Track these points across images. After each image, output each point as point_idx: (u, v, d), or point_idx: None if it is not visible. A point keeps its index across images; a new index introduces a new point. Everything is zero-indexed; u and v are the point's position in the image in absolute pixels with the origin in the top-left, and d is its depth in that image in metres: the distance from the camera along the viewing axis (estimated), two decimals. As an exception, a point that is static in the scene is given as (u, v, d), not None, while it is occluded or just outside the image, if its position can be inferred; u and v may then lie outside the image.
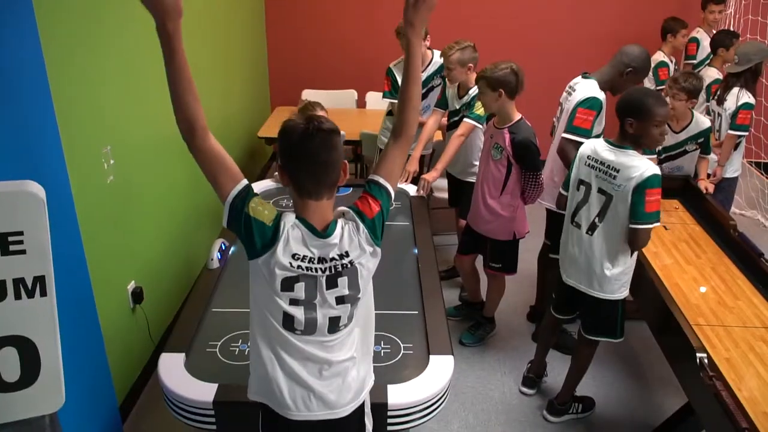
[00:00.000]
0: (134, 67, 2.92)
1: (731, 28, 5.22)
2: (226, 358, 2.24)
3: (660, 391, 3.24)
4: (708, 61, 4.97)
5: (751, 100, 4.00)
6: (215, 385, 2.04)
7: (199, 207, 3.78)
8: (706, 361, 2.25)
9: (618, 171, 2.50)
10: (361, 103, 5.44)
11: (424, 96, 4.00)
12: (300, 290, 1.64)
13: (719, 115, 4.10)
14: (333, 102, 3.52)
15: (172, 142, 3.41)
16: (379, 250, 1.73)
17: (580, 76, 3.26)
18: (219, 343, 2.31)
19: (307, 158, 1.58)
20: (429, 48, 4.06)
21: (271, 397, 1.74)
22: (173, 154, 3.44)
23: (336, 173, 1.63)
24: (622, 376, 3.36)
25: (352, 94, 5.43)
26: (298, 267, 1.62)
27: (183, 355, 2.19)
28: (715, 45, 4.56)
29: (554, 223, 3.34)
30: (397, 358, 2.27)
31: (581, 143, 2.84)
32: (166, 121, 3.31)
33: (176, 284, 3.44)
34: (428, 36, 4.01)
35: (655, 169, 2.44)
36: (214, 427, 2.05)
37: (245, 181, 1.64)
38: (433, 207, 4.50)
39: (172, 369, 2.12)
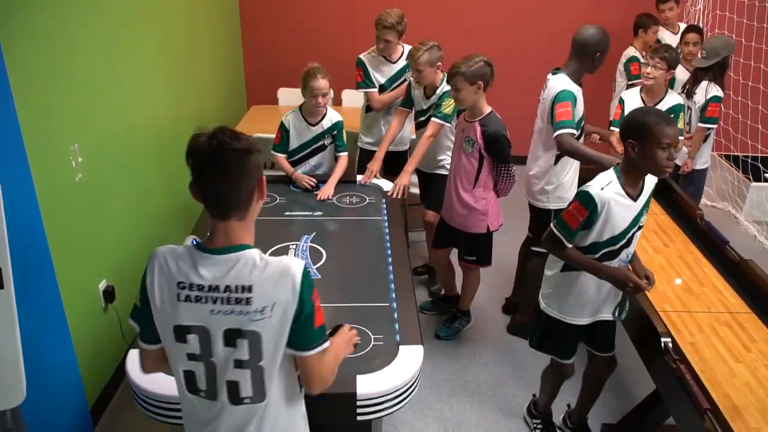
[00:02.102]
0: (103, 64, 2.91)
1: (700, 24, 5.31)
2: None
3: (630, 379, 3.28)
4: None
5: (720, 93, 4.07)
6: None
7: (171, 204, 3.76)
8: (670, 345, 2.29)
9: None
10: (337, 101, 5.43)
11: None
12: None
13: (689, 108, 4.17)
14: (312, 100, 3.60)
15: (144, 140, 3.42)
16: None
17: (550, 73, 3.30)
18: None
19: (210, 175, 1.42)
20: (401, 44, 4.06)
21: None
22: (145, 151, 3.43)
23: (245, 189, 1.45)
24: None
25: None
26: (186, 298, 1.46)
27: (152, 350, 2.18)
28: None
29: (538, 217, 3.40)
30: (367, 350, 2.28)
31: (573, 134, 3.01)
32: (137, 119, 3.33)
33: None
34: (402, 36, 4.02)
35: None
36: (181, 422, 2.04)
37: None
38: (409, 204, 4.53)
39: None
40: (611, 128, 4.00)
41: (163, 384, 2.02)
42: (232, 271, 1.44)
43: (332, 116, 3.58)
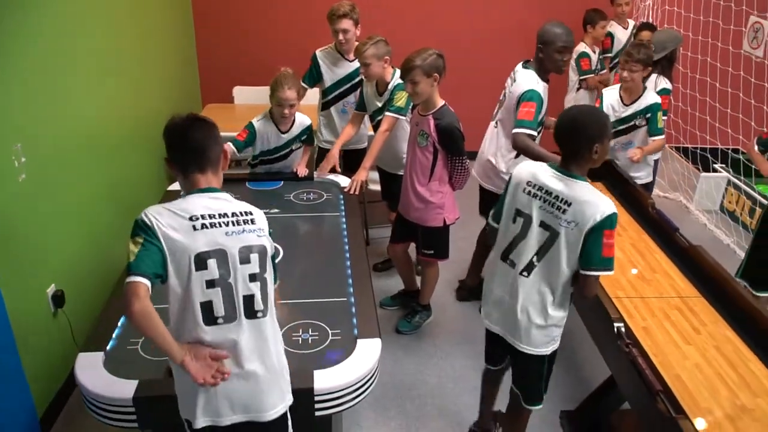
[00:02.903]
0: (47, 62, 2.82)
1: (649, 20, 5.44)
2: (147, 354, 2.19)
3: (586, 366, 3.34)
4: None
5: (668, 85, 4.17)
6: (135, 382, 1.99)
7: (121, 205, 3.67)
8: (623, 330, 2.33)
9: (569, 204, 2.08)
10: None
11: (357, 88, 3.98)
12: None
13: None
14: (267, 98, 3.51)
15: (93, 140, 3.33)
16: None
17: (520, 64, 3.40)
18: (141, 340, 2.25)
19: (187, 139, 1.76)
20: (357, 40, 4.05)
21: None
22: (94, 152, 3.34)
23: (214, 151, 1.79)
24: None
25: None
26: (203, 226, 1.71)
27: (101, 353, 2.13)
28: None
29: (487, 200, 3.45)
30: (324, 345, 2.26)
31: (529, 134, 3.10)
32: (84, 119, 3.23)
33: (100, 285, 3.33)
34: (359, 26, 3.99)
35: (614, 207, 2.07)
36: (135, 425, 2.00)
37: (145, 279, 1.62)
38: (368, 200, 4.52)
39: (90, 368, 2.06)
40: None
41: (115, 387, 1.98)
42: (229, 202, 1.78)
43: (302, 121, 3.56)
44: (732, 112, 4.92)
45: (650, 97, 3.73)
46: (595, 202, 2.06)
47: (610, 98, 3.83)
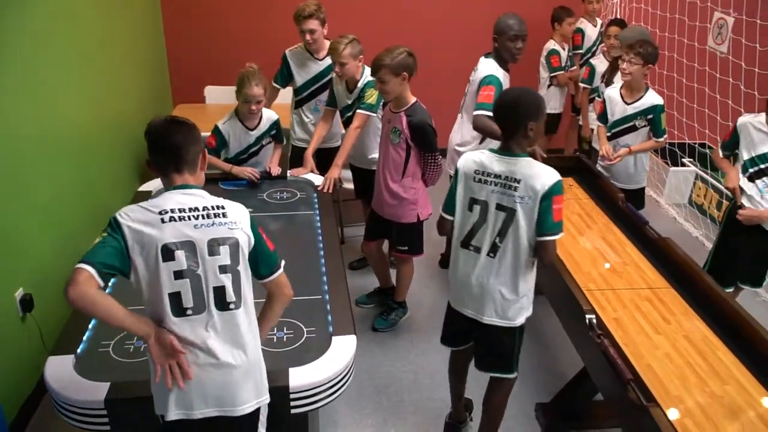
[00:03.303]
0: (14, 65, 2.76)
1: (618, 16, 5.51)
2: (120, 356, 2.16)
3: (561, 359, 3.38)
4: (594, 49, 5.23)
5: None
6: (107, 384, 1.97)
7: (91, 206, 3.61)
8: (594, 321, 2.37)
9: (519, 182, 2.19)
10: (267, 99, 5.37)
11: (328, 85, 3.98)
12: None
13: (602, 94, 4.31)
14: (240, 98, 3.55)
15: (61, 141, 3.27)
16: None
17: (482, 56, 3.57)
18: (112, 342, 2.22)
19: (165, 139, 1.80)
20: (326, 38, 4.04)
21: None
22: (62, 152, 3.28)
23: (191, 152, 1.82)
24: (526, 348, 3.47)
25: (257, 89, 5.35)
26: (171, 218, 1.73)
27: (72, 357, 2.10)
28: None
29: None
30: (299, 342, 2.26)
31: (488, 116, 3.25)
32: (54, 120, 3.18)
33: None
34: (326, 25, 3.99)
35: (558, 175, 2.19)
36: (108, 427, 1.97)
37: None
38: (343, 199, 4.52)
39: (60, 372, 2.02)
40: (597, 123, 3.93)
41: (86, 390, 1.95)
42: (202, 198, 1.79)
43: (269, 116, 3.55)
44: (698, 107, 5.00)
45: (652, 98, 3.60)
46: (541, 173, 2.19)
47: (613, 96, 3.74)
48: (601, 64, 4.73)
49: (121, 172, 4.19)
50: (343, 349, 2.18)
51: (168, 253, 1.69)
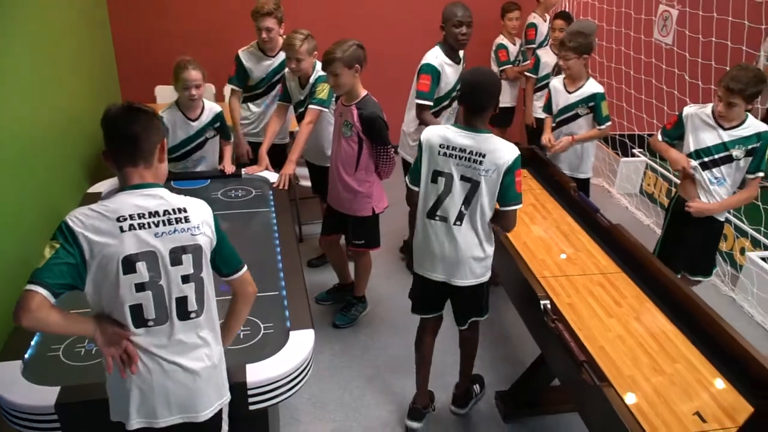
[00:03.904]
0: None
1: (566, 10, 5.62)
2: (70, 360, 2.11)
3: (519, 348, 3.43)
4: (546, 43, 5.32)
5: None
6: (57, 388, 1.91)
7: (37, 208, 3.49)
8: (549, 306, 2.41)
9: (484, 156, 2.36)
10: (220, 97, 5.28)
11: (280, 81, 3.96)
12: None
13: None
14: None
15: (8, 141, 3.15)
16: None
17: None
18: (62, 346, 2.17)
19: (121, 128, 1.68)
20: (282, 35, 4.01)
21: None
22: (4, 154, 3.17)
23: (148, 143, 1.70)
24: (486, 339, 3.52)
25: (210, 88, 5.26)
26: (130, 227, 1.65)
27: (19, 362, 2.04)
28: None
29: (406, 168, 3.59)
30: (257, 339, 2.24)
31: (426, 105, 3.48)
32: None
33: (14, 291, 3.16)
34: (283, 24, 3.96)
35: (517, 149, 2.39)
36: (60, 432, 1.92)
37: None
38: (300, 197, 4.49)
39: (7, 378, 1.96)
40: (542, 112, 4.07)
41: (35, 395, 1.90)
42: (162, 199, 1.68)
43: (212, 108, 3.50)
44: (646, 99, 5.15)
45: (592, 87, 3.72)
46: (504, 148, 2.39)
47: (557, 87, 3.87)
48: (546, 54, 4.81)
49: (69, 173, 4.07)
50: (300, 343, 2.17)
51: (129, 265, 1.61)
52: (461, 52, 3.76)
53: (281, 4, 3.79)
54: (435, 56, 3.59)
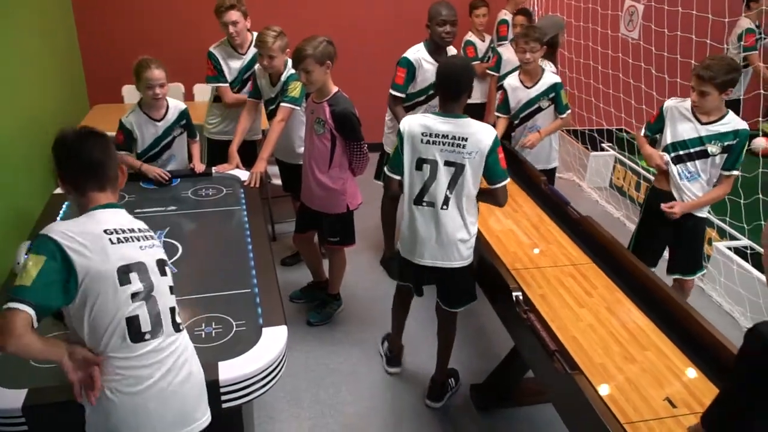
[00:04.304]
0: None
1: (534, 7, 5.68)
2: (37, 362, 2.05)
3: (493, 342, 3.45)
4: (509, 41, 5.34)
5: (554, 69, 4.36)
6: (24, 391, 1.87)
7: (7, 210, 3.43)
8: (521, 298, 2.43)
9: (466, 140, 2.49)
10: (189, 96, 5.24)
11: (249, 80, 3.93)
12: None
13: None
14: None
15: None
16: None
17: None
18: (29, 348, 2.11)
19: (84, 156, 1.69)
20: (249, 30, 3.97)
21: None
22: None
23: (113, 168, 1.75)
24: (460, 333, 3.53)
25: (179, 87, 5.20)
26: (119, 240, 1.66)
27: (-16, 365, 1.98)
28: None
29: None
30: (229, 336, 2.22)
31: (398, 96, 3.63)
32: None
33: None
34: (248, 18, 3.93)
35: (493, 129, 2.57)
36: (28, 436, 1.88)
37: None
38: (272, 195, 4.46)
39: (-28, 381, 1.91)
40: (496, 114, 4.08)
41: (1, 397, 1.85)
42: (131, 220, 1.73)
43: (176, 106, 3.45)
44: (614, 93, 5.22)
45: (551, 77, 3.82)
46: (483, 130, 2.53)
47: (513, 84, 3.89)
48: (507, 51, 4.81)
49: (34, 174, 3.99)
50: (273, 339, 2.15)
51: (124, 275, 1.62)
52: (452, 50, 3.83)
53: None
54: (415, 51, 3.68)
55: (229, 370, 1.99)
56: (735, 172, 3.02)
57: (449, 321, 2.91)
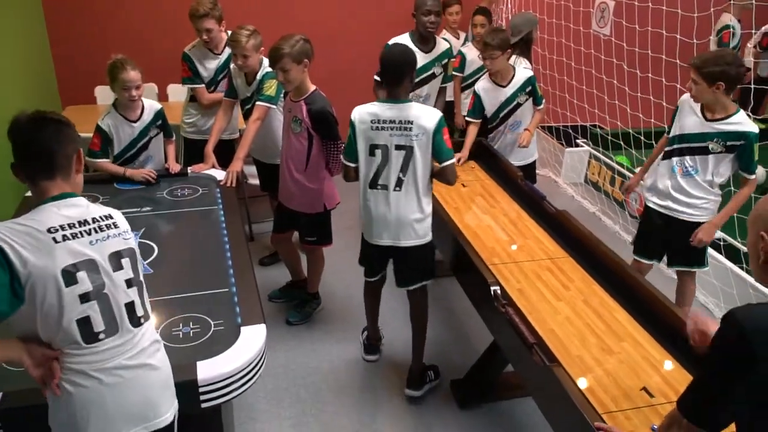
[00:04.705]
0: None
1: (507, 5, 5.71)
2: (11, 366, 2.02)
3: (473, 337, 3.47)
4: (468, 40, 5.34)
5: (529, 66, 4.39)
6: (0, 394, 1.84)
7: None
8: (499, 292, 2.45)
9: (411, 123, 2.65)
10: (163, 97, 5.18)
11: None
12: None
13: None
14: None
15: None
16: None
17: None
18: (2, 352, 2.07)
19: (32, 141, 1.61)
20: (224, 30, 3.95)
21: None
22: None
23: (64, 154, 1.65)
24: (440, 328, 3.56)
25: (153, 88, 5.14)
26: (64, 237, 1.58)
27: (-45, 371, 1.94)
28: (442, 9, 4.86)
29: None
30: (207, 336, 2.20)
31: (379, 82, 3.47)
32: None
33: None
34: (223, 21, 3.90)
35: (439, 112, 2.71)
36: (3, 440, 1.85)
37: None
38: (249, 195, 4.44)
39: (-57, 387, 1.87)
40: (466, 118, 4.08)
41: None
42: (86, 209, 1.65)
43: (151, 106, 3.42)
44: (587, 89, 5.27)
45: (524, 72, 3.84)
46: (427, 112, 2.70)
47: (485, 87, 3.86)
48: (470, 51, 4.79)
49: (10, 177, 3.92)
50: (252, 338, 2.14)
51: (69, 276, 1.54)
52: (443, 44, 3.94)
53: (218, 2, 3.72)
54: (399, 39, 3.68)
55: (207, 369, 1.98)
56: (754, 176, 2.97)
57: (419, 304, 3.00)
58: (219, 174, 3.53)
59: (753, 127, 2.90)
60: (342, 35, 5.72)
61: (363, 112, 2.74)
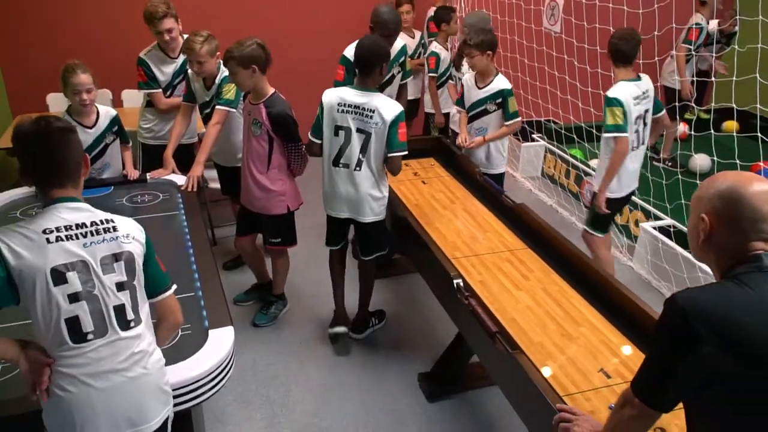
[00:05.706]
0: None
1: (462, 4, 5.80)
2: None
3: (439, 331, 3.53)
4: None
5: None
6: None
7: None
8: (461, 284, 2.51)
9: (373, 111, 2.91)
10: (117, 102, 5.12)
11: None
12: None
13: (459, 79, 4.53)
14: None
15: None
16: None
17: None
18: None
19: (45, 151, 1.65)
20: (182, 34, 3.92)
21: None
22: None
23: (74, 162, 1.69)
24: (409, 323, 3.62)
25: (107, 93, 5.08)
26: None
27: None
28: (437, 21, 4.90)
29: None
30: (174, 341, 2.20)
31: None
32: None
33: None
34: (179, 20, 3.86)
35: (400, 106, 2.99)
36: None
37: None
38: (211, 200, 4.42)
39: None
40: (455, 105, 4.14)
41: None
42: (89, 212, 1.68)
43: (107, 112, 3.39)
44: (541, 85, 5.41)
45: (500, 83, 3.74)
46: (388, 105, 2.95)
47: (467, 82, 3.91)
48: (443, 50, 4.86)
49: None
50: (220, 341, 2.15)
51: (59, 276, 1.57)
52: (397, 43, 3.82)
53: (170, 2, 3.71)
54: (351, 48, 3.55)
55: (176, 373, 1.98)
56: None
57: (366, 271, 3.34)
58: (179, 179, 3.52)
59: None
60: (301, 37, 5.75)
61: (332, 95, 3.00)
